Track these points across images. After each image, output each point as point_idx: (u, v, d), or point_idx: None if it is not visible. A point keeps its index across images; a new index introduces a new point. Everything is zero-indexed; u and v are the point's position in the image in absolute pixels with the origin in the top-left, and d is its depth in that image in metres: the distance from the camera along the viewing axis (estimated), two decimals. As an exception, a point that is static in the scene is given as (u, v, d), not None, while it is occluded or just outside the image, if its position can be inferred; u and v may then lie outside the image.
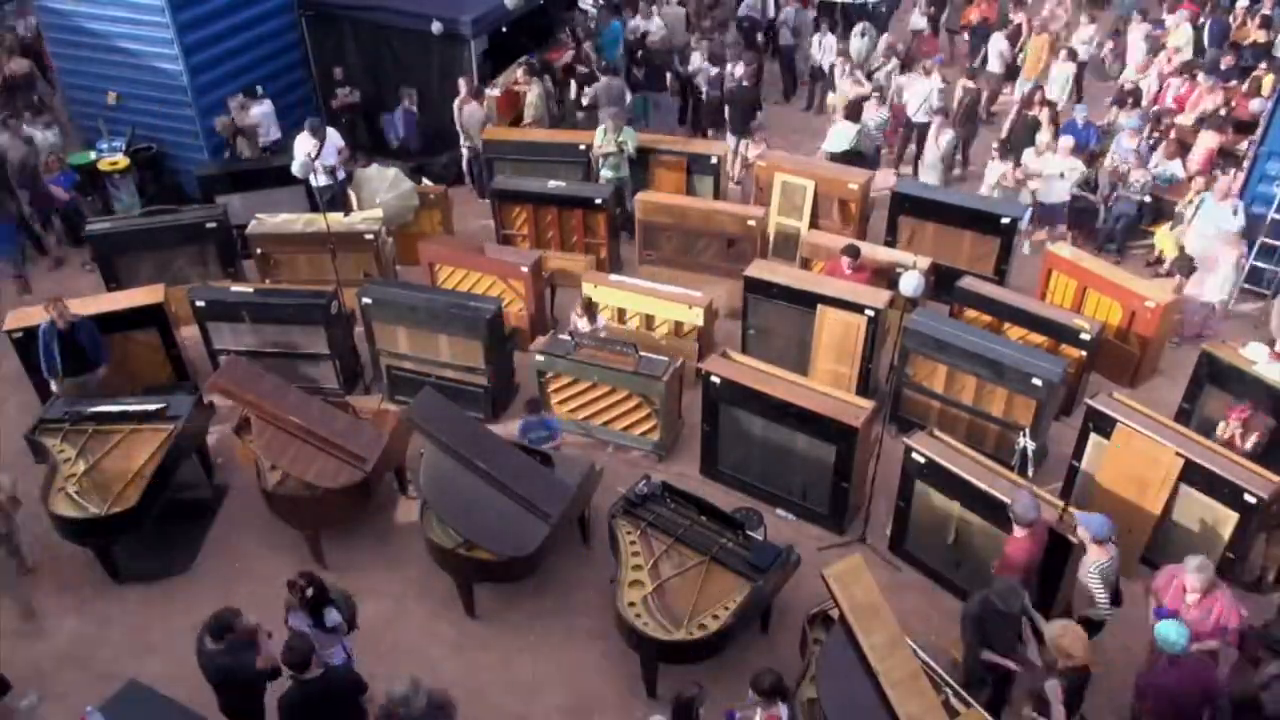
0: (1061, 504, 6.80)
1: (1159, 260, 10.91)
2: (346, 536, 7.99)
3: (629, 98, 12.62)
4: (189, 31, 11.32)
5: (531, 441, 7.95)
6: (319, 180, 10.34)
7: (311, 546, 7.76)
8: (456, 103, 11.90)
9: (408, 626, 7.22)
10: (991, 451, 7.79)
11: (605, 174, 11.18)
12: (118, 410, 8.03)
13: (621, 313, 9.57)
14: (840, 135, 11.65)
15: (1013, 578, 6.09)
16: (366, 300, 8.98)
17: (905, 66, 13.35)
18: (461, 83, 11.81)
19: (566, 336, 8.84)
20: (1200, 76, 12.58)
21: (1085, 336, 8.42)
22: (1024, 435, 7.76)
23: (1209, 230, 9.85)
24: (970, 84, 12.70)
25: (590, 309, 9.19)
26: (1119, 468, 7.32)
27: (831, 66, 13.67)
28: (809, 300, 8.69)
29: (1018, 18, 14.33)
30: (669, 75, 13.72)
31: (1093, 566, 6.23)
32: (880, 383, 8.88)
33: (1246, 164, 10.50)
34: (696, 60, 13.33)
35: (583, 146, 11.38)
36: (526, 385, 9.24)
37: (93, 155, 11.61)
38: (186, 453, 8.19)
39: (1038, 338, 8.68)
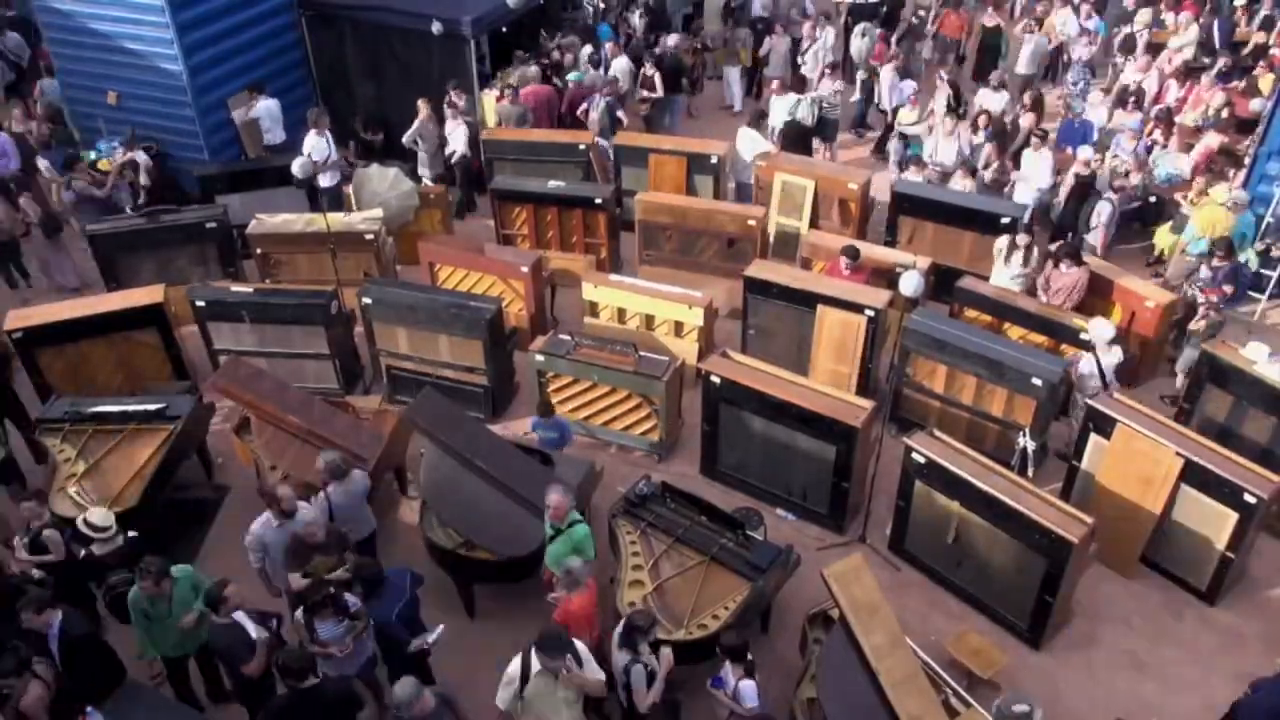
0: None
1: (1159, 260, 10.91)
2: (346, 536, 7.98)
3: None
4: (189, 31, 11.32)
5: (542, 441, 7.96)
6: (324, 181, 10.34)
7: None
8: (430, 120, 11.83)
9: (408, 626, 7.22)
10: (991, 451, 7.78)
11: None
12: (118, 410, 8.03)
13: (621, 313, 9.57)
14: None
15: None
16: (366, 300, 8.98)
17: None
18: (422, 104, 11.70)
19: (566, 336, 8.83)
20: (1204, 78, 12.58)
21: (1085, 336, 8.42)
22: (1024, 435, 7.78)
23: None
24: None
25: None
26: (1119, 468, 7.32)
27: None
28: (809, 300, 8.69)
29: (993, 21, 14.36)
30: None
31: None
32: (880, 383, 8.88)
33: (1247, 164, 10.52)
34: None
35: (582, 146, 11.39)
36: (527, 385, 9.24)
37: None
38: (186, 453, 8.20)
39: (1038, 338, 8.68)
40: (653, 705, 5.80)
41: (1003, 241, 9.45)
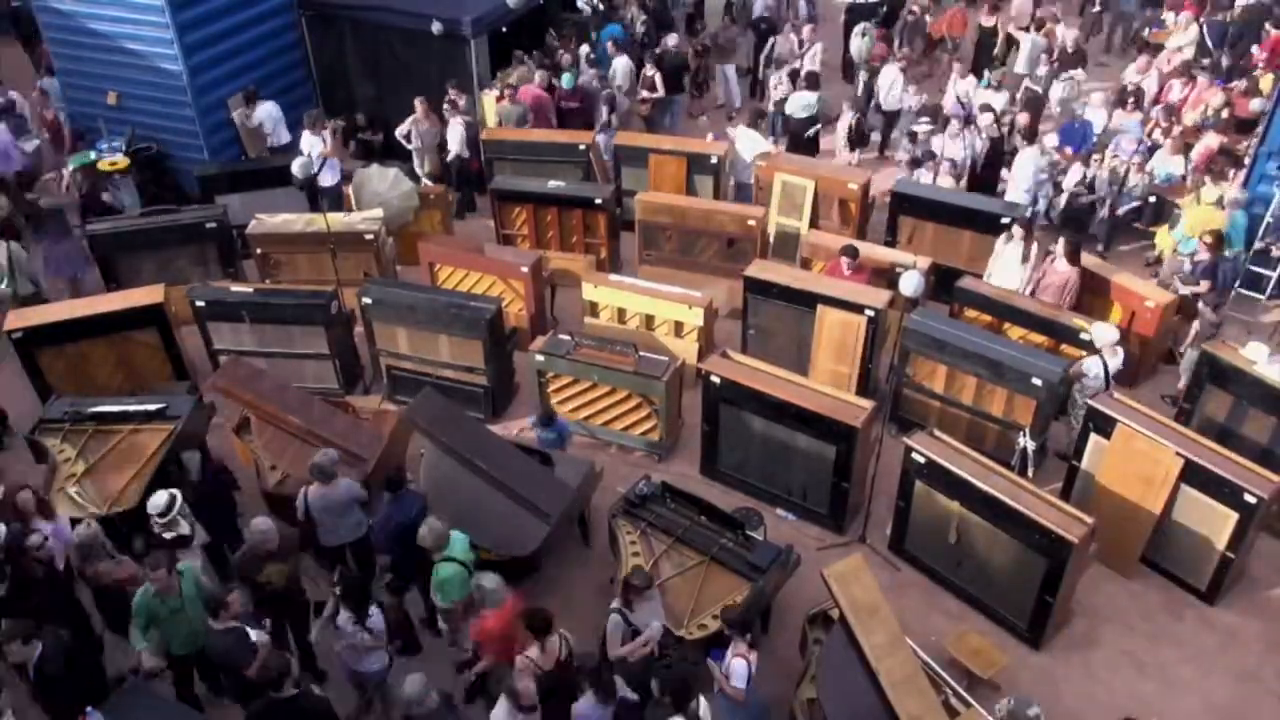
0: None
1: (1159, 260, 10.91)
2: (346, 536, 7.97)
3: None
4: (189, 31, 11.32)
5: (542, 441, 7.96)
6: (326, 180, 10.26)
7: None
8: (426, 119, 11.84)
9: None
10: (991, 451, 7.77)
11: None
12: (118, 410, 8.03)
13: (621, 313, 9.57)
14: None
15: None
16: (366, 300, 8.98)
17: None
18: (418, 103, 11.72)
19: (566, 336, 8.83)
20: (1201, 77, 12.57)
21: (1085, 336, 8.42)
22: (1024, 435, 7.78)
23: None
24: None
25: None
26: (1119, 468, 7.32)
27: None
28: (809, 300, 8.69)
29: (990, 21, 14.35)
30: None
31: None
32: (880, 383, 8.88)
33: (1246, 164, 10.51)
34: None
35: (582, 146, 11.39)
36: (526, 385, 9.24)
37: (93, 155, 11.61)
38: (187, 453, 8.19)
39: (1038, 338, 8.69)
40: (624, 663, 5.94)
41: (1002, 241, 9.49)
